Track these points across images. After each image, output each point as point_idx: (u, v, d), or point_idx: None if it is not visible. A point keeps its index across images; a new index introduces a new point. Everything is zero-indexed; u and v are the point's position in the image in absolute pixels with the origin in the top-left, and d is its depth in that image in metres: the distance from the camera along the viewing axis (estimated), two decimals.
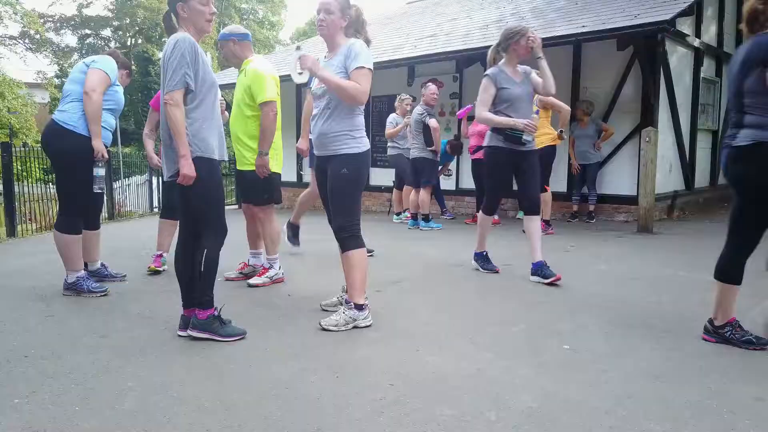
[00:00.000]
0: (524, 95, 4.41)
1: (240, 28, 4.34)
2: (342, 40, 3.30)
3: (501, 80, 4.35)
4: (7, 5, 25.30)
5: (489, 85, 4.37)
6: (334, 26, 3.26)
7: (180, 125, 2.91)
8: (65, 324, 3.39)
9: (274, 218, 4.40)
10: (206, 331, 3.02)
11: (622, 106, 8.13)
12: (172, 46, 2.93)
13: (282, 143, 4.46)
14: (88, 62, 4.03)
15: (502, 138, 4.37)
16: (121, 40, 32.48)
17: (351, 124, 3.27)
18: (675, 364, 2.71)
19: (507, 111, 4.35)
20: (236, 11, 35.04)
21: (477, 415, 2.19)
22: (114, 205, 9.97)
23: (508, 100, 4.34)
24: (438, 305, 3.76)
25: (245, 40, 4.27)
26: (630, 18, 7.40)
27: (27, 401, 2.33)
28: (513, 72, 4.41)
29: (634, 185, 7.76)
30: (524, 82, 4.42)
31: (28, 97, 25.91)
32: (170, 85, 2.91)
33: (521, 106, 4.38)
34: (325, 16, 3.24)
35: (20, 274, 4.80)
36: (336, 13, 3.24)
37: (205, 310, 3.04)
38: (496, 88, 4.35)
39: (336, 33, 3.29)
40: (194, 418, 2.18)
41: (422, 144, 7.36)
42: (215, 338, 3.02)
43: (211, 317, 3.04)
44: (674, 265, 4.92)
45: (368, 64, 3.17)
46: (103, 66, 3.98)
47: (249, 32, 4.39)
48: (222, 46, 4.30)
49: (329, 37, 3.31)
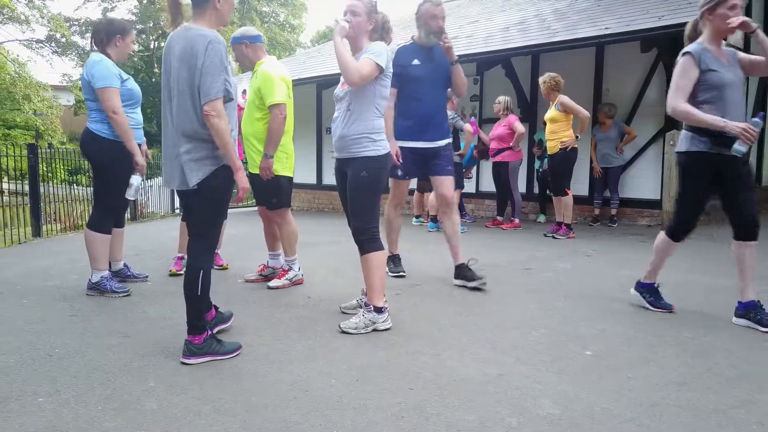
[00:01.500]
0: (736, 81, 3.33)
1: (252, 30, 4.30)
2: (365, 43, 3.31)
3: (707, 60, 3.28)
4: (35, 9, 25.79)
5: (691, 67, 3.29)
6: (359, 28, 3.27)
7: (227, 137, 2.69)
8: (88, 324, 3.43)
9: (291, 219, 4.41)
10: (207, 354, 2.80)
11: (646, 109, 8.02)
12: (205, 48, 2.65)
13: (293, 146, 4.43)
14: (88, 76, 3.94)
15: (709, 141, 3.28)
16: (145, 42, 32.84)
17: (371, 126, 3.28)
18: (700, 371, 2.66)
19: (714, 102, 3.27)
20: (257, 14, 35.29)
21: (498, 421, 2.17)
22: (136, 206, 10.09)
23: (717, 87, 3.27)
24: (458, 309, 3.74)
25: (257, 42, 4.25)
26: (654, 19, 7.30)
27: (51, 400, 2.36)
28: (718, 52, 3.34)
29: (657, 189, 7.66)
30: (733, 65, 3.35)
31: (53, 100, 26.39)
32: (211, 93, 2.65)
33: (733, 96, 3.30)
34: (352, 18, 3.25)
35: (45, 273, 4.87)
36: (362, 16, 3.26)
37: (201, 335, 2.80)
38: (699, 70, 3.28)
39: (360, 35, 3.30)
40: (214, 419, 2.19)
41: None
42: (218, 358, 2.81)
43: (207, 339, 2.82)
44: (698, 271, 4.83)
45: (378, 59, 3.18)
46: (109, 80, 3.90)
47: (260, 34, 4.37)
48: (234, 49, 4.29)
49: (353, 39, 3.32)
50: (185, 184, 2.79)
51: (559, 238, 6.73)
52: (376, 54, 3.19)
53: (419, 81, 4.25)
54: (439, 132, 4.39)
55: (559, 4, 10.22)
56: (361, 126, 3.26)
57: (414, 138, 4.33)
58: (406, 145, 4.32)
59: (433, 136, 4.35)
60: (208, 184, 2.78)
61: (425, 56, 4.30)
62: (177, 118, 2.78)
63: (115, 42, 4.10)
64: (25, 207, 7.72)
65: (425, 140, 4.34)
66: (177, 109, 2.77)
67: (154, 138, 30.11)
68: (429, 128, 4.33)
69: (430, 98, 4.30)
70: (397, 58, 4.10)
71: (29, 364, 2.75)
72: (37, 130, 25.16)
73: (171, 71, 2.78)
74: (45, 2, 26.48)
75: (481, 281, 4.20)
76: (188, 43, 2.70)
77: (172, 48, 2.78)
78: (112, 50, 4.10)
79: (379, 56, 3.19)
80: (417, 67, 4.24)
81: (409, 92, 4.27)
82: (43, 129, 25.30)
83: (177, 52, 2.74)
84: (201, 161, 2.77)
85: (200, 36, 2.68)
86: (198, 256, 2.82)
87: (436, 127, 4.36)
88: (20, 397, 2.38)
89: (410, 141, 4.33)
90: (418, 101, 4.28)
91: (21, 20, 25.66)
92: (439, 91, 4.37)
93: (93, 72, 3.92)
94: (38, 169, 7.52)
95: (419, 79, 4.24)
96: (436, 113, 4.36)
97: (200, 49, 2.65)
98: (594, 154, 8.00)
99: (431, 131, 4.34)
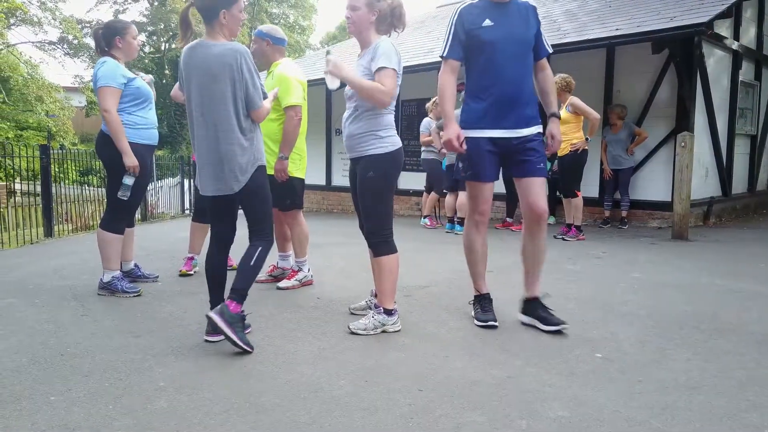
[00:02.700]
0: None
1: (279, 32, 4.28)
2: (372, 37, 3.17)
3: None
4: (47, 11, 26.02)
5: None
6: (361, 22, 3.14)
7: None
8: (99, 323, 3.45)
9: (302, 221, 4.41)
10: (231, 326, 2.84)
11: (657, 111, 7.97)
12: (238, 60, 2.92)
13: (306, 147, 4.44)
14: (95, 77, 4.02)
15: None
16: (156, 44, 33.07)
17: (376, 123, 3.16)
18: (712, 375, 2.64)
19: None
20: (267, 16, 35.42)
21: (507, 423, 2.16)
22: (147, 206, 10.15)
23: None
24: (467, 311, 3.73)
25: (279, 45, 4.25)
26: (666, 21, 7.26)
27: (63, 399, 2.37)
28: None
29: (668, 191, 7.61)
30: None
31: (65, 101, 26.59)
32: (258, 103, 3.01)
33: None
34: (351, 13, 3.13)
35: (57, 273, 4.91)
36: (362, 9, 3.11)
37: (239, 305, 2.95)
38: None
39: (364, 29, 3.16)
40: (224, 419, 2.19)
41: None
42: (232, 337, 2.83)
43: (239, 314, 2.94)
44: (710, 273, 4.79)
45: (391, 63, 3.05)
46: (106, 80, 3.94)
47: (286, 38, 4.35)
48: (255, 41, 4.27)
49: (358, 34, 3.20)
50: (228, 190, 3.02)
51: (569, 240, 6.70)
52: (386, 57, 3.06)
53: (494, 48, 3.15)
54: (524, 117, 3.24)
55: (570, 5, 10.19)
56: (367, 123, 3.17)
57: (491, 125, 3.23)
58: (480, 134, 3.24)
59: (517, 123, 3.23)
60: (251, 186, 3.04)
61: (500, 15, 3.18)
62: (216, 129, 2.98)
63: (116, 43, 4.12)
64: (37, 207, 7.79)
65: (506, 128, 3.22)
66: (216, 120, 2.96)
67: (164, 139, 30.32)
68: (510, 112, 3.21)
69: (510, 71, 3.18)
70: (462, 20, 3.18)
71: (41, 363, 2.78)
72: (49, 131, 25.35)
73: (202, 86, 2.97)
74: (57, 4, 26.60)
75: (564, 326, 3.25)
76: (218, 58, 2.92)
77: (195, 63, 2.97)
78: (116, 51, 4.13)
79: (390, 59, 3.06)
80: (490, 30, 3.15)
81: (482, 64, 3.21)
82: (55, 130, 25.49)
83: (205, 67, 2.94)
84: (243, 167, 3.00)
85: (230, 50, 2.93)
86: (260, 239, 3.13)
87: (520, 110, 3.22)
88: (32, 396, 2.40)
89: (486, 129, 3.23)
90: (495, 75, 3.18)
91: (34, 22, 25.92)
92: (522, 62, 3.23)
93: (96, 73, 3.99)
94: (50, 170, 7.58)
95: (494, 45, 3.15)
96: (519, 91, 3.21)
97: (232, 62, 2.91)
98: (604, 155, 7.97)
99: (513, 116, 3.21)
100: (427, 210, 8.49)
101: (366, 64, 3.15)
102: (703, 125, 7.91)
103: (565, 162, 6.72)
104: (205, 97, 2.96)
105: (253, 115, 3.01)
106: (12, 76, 24.08)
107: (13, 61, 24.60)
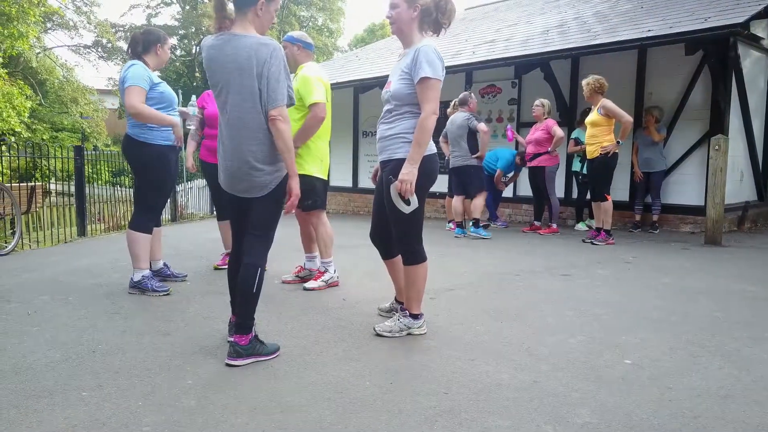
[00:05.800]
0: None
1: (307, 37, 4.44)
2: (415, 35, 3.06)
3: None
4: (83, 16, 26.64)
5: None
6: (401, 20, 3.02)
7: (290, 142, 2.77)
8: (130, 321, 3.52)
9: (326, 221, 4.44)
10: (251, 356, 2.80)
11: (690, 113, 7.81)
12: (269, 55, 2.68)
13: (329, 151, 4.47)
14: (122, 80, 4.09)
15: None
16: (187, 47, 33.59)
17: (407, 126, 3.06)
18: (745, 384, 2.57)
19: None
20: (296, 19, 35.70)
21: (533, 428, 2.13)
22: (177, 207, 10.31)
23: None
24: (493, 314, 3.70)
25: (308, 50, 4.38)
26: (700, 21, 7.12)
27: (94, 394, 2.42)
28: None
29: (701, 195, 7.44)
30: None
31: (99, 103, 27.22)
32: (279, 100, 2.70)
33: None
34: (391, 12, 3.03)
35: (89, 272, 5.01)
36: (401, 6, 3.00)
37: (247, 335, 2.81)
38: None
39: (406, 27, 3.05)
40: (250, 418, 2.21)
41: (466, 151, 7.28)
42: (261, 359, 2.82)
43: (252, 340, 2.82)
44: (744, 279, 4.68)
45: (435, 74, 2.93)
46: (135, 80, 4.00)
47: (313, 44, 4.48)
48: (285, 47, 4.33)
49: (400, 33, 3.09)
50: (253, 192, 2.83)
51: (598, 244, 6.61)
52: (428, 68, 2.92)
53: None
54: None
55: (601, 6, 10.06)
56: (399, 126, 3.10)
57: None
58: None
59: None
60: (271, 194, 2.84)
61: None
62: (239, 127, 2.77)
63: (155, 50, 4.24)
64: (71, 207, 7.97)
65: None
66: (240, 117, 2.75)
67: None
68: None
69: None
70: None
71: (74, 359, 2.84)
72: (83, 133, 25.96)
73: (230, 82, 2.74)
74: (92, 9, 27.23)
75: None
76: (247, 51, 2.69)
77: (222, 57, 2.74)
78: (150, 58, 4.22)
79: (435, 70, 2.93)
80: None
81: None
82: (89, 132, 26.09)
83: (232, 60, 2.71)
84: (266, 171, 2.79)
85: (262, 45, 2.70)
86: (256, 254, 2.85)
87: None
88: (65, 391, 2.45)
89: None
90: None
91: (69, 26, 26.57)
92: None
93: (126, 74, 4.05)
94: (84, 171, 7.76)
95: None
96: None
97: (264, 56, 2.68)
98: (635, 158, 7.83)
99: None
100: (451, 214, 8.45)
101: (407, 69, 3.01)
102: (738, 128, 7.73)
103: (594, 165, 6.62)
104: (232, 93, 2.75)
105: (272, 112, 2.70)
106: (48, 78, 24.75)
107: (49, 65, 25.25)
